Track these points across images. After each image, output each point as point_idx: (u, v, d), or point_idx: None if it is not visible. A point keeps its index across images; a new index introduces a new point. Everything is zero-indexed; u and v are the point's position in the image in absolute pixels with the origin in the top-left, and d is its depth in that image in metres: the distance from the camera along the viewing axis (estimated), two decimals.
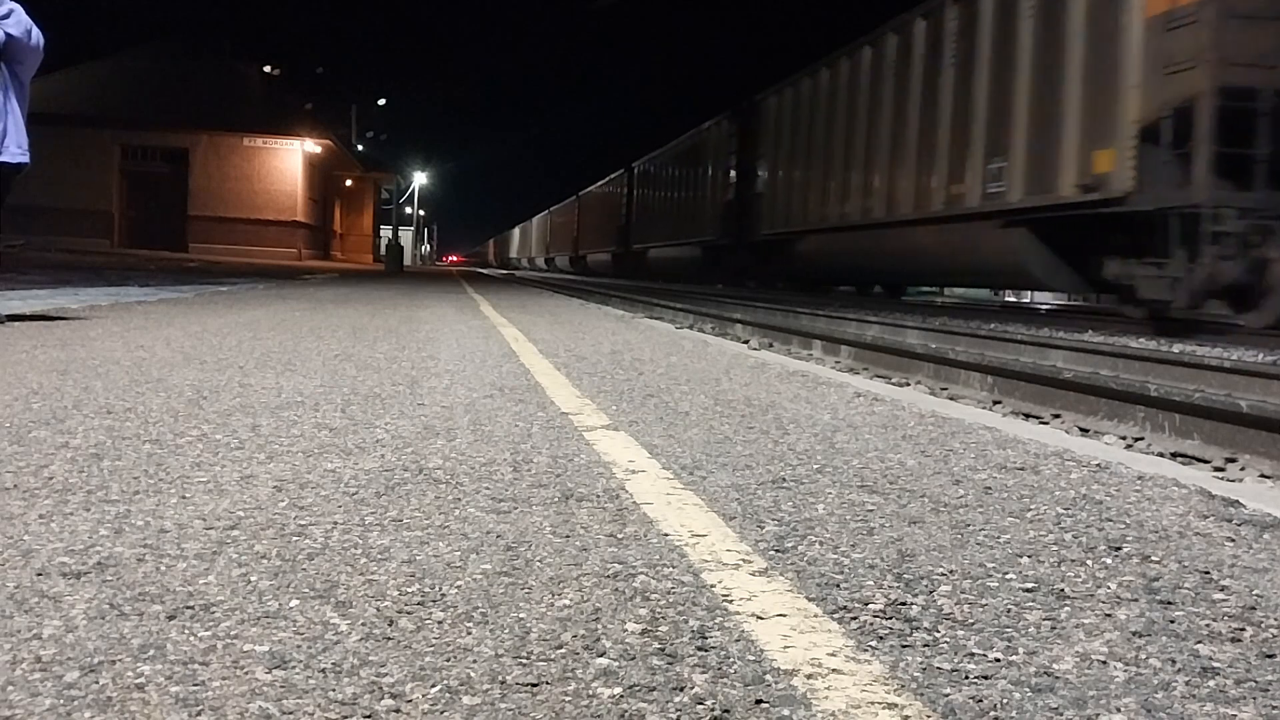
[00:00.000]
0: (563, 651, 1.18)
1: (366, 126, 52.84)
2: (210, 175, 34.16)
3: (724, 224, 24.63)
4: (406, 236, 54.12)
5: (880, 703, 1.08)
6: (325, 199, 40.80)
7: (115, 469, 2.03)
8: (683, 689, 1.09)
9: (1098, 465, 2.46)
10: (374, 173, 47.35)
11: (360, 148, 48.91)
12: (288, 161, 35.18)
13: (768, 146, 22.27)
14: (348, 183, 44.93)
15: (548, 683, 1.09)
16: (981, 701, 1.09)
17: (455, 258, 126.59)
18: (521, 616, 1.28)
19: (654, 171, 33.66)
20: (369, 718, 1.00)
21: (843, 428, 2.95)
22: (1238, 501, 2.09)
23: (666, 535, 1.70)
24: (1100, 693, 1.13)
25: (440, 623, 1.25)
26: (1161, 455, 3.67)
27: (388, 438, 2.49)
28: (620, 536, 1.68)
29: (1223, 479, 2.95)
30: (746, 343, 8.09)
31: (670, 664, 1.15)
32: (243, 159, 34.59)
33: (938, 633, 1.29)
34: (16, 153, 5.29)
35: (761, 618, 1.32)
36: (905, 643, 1.25)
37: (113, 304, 7.79)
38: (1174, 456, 3.73)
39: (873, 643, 1.25)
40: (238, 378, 3.53)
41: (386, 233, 47.34)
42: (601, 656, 1.17)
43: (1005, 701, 1.09)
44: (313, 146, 35.81)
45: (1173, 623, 1.36)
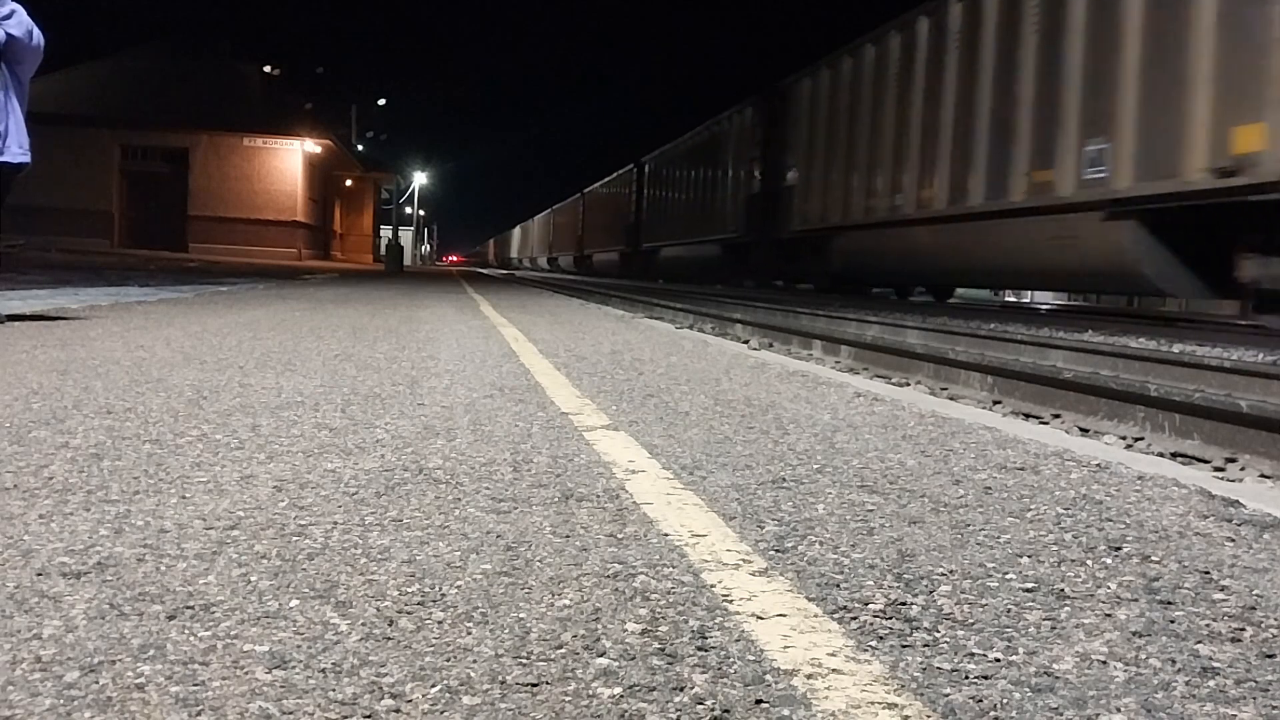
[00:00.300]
0: (563, 651, 1.18)
1: (366, 126, 52.89)
2: (210, 175, 34.18)
3: (747, 220, 23.05)
4: (406, 236, 54.11)
5: (880, 703, 1.08)
6: (325, 199, 40.81)
7: (115, 469, 2.04)
8: (683, 689, 1.09)
9: (1098, 465, 2.46)
10: (374, 173, 47.37)
11: (360, 148, 48.92)
12: (288, 161, 35.20)
13: (798, 134, 20.33)
14: (348, 183, 44.96)
15: (548, 683, 1.09)
16: (981, 701, 1.09)
17: (455, 258, 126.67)
18: (521, 616, 1.28)
19: (666, 166, 31.92)
20: (369, 718, 1.00)
21: (843, 428, 2.95)
22: (1238, 501, 2.09)
23: (666, 535, 1.70)
24: (1100, 693, 1.13)
25: (440, 623, 1.25)
26: (1161, 455, 3.67)
27: (388, 438, 2.49)
28: (620, 536, 1.68)
29: (1223, 479, 2.95)
30: (746, 343, 8.09)
31: (670, 664, 1.15)
32: (243, 159, 34.61)
33: (938, 633, 1.29)
34: (18, 153, 5.30)
35: (761, 618, 1.32)
36: (905, 643, 1.25)
37: (113, 304, 7.79)
38: (1174, 456, 3.73)
39: (873, 643, 1.25)
40: (238, 378, 3.53)
41: (386, 233, 47.33)
42: (601, 656, 1.17)
43: (1005, 701, 1.09)
44: (313, 146, 35.83)
45: (1173, 623, 1.36)
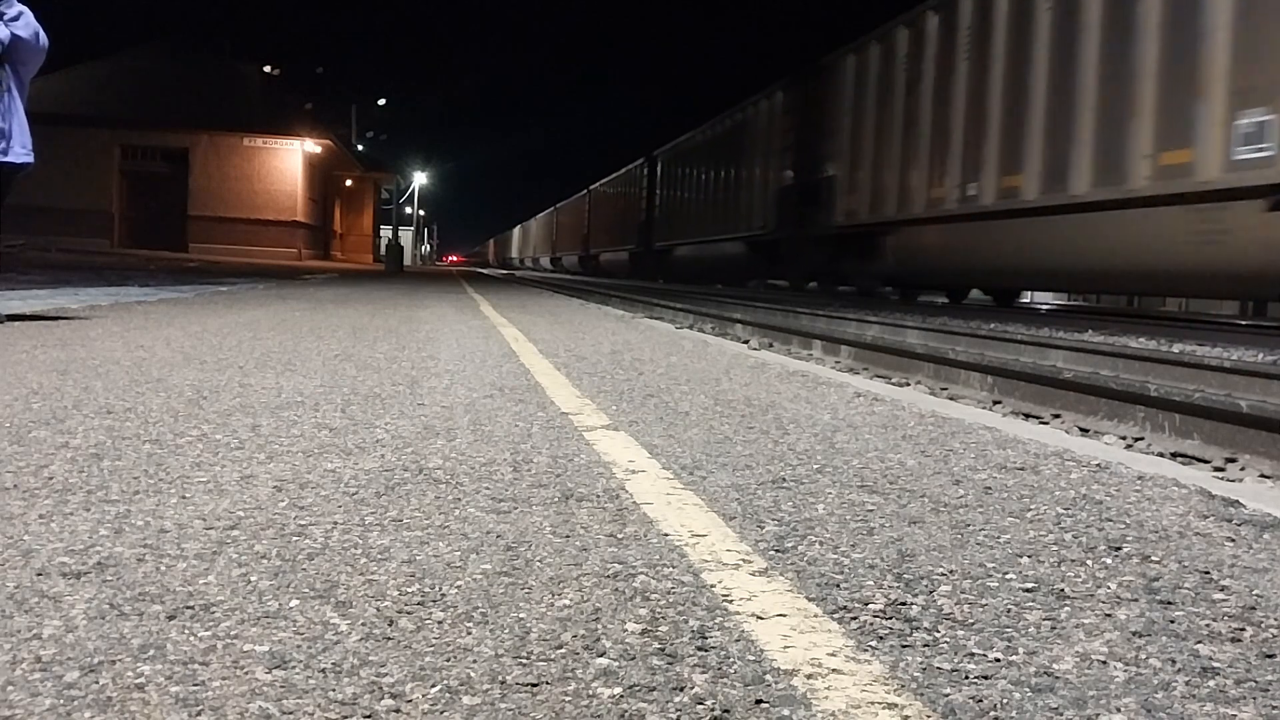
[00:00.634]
0: (563, 651, 1.18)
1: (366, 126, 52.89)
2: (210, 175, 34.19)
3: (778, 215, 21.13)
4: (406, 236, 54.09)
5: (880, 703, 1.08)
6: (325, 199, 40.81)
7: (115, 469, 2.03)
8: (683, 689, 1.09)
9: (1098, 465, 2.46)
10: (374, 173, 47.35)
11: (360, 148, 48.91)
12: (288, 161, 35.20)
13: (841, 118, 18.15)
14: (348, 183, 44.95)
15: (548, 683, 1.09)
16: (981, 701, 1.09)
17: (455, 258, 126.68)
18: (521, 616, 1.28)
19: (681, 160, 29.89)
20: (369, 718, 1.00)
21: (843, 428, 2.95)
22: (1238, 501, 2.09)
23: (666, 535, 1.70)
24: (1100, 693, 1.13)
25: (440, 623, 1.25)
26: (1161, 455, 3.67)
27: (388, 438, 2.49)
28: (620, 536, 1.68)
29: (1223, 479, 2.95)
30: (746, 343, 8.09)
31: (670, 664, 1.15)
32: (243, 159, 34.61)
33: (938, 633, 1.29)
34: (21, 153, 5.35)
35: (761, 618, 1.32)
36: (905, 643, 1.25)
37: (113, 304, 7.79)
38: (1174, 456, 3.73)
39: (873, 643, 1.25)
40: (238, 378, 3.53)
41: (386, 233, 47.31)
42: (601, 656, 1.17)
43: (1005, 701, 1.09)
44: (313, 146, 35.83)
45: (1173, 623, 1.36)
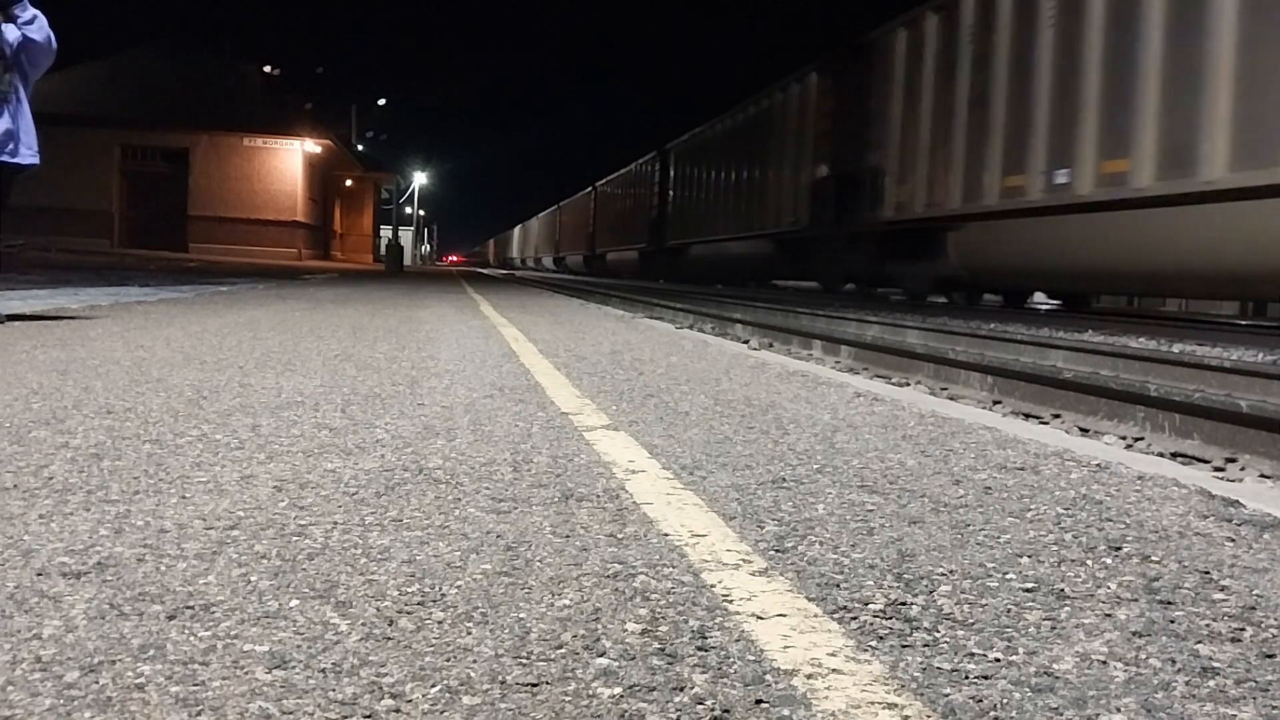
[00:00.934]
0: (563, 651, 1.18)
1: (366, 126, 52.86)
2: (210, 175, 34.17)
3: (812, 209, 19.37)
4: (406, 236, 54.13)
5: (880, 703, 1.08)
6: (325, 199, 40.80)
7: (115, 469, 2.03)
8: (683, 689, 1.09)
9: (1098, 465, 2.46)
10: (374, 173, 47.35)
11: (360, 148, 48.90)
12: (288, 161, 35.19)
13: (889, 98, 16.45)
14: (348, 183, 44.94)
15: (548, 683, 1.09)
16: (981, 701, 1.09)
17: (455, 258, 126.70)
18: (521, 616, 1.28)
19: (697, 152, 28.00)
20: (369, 718, 1.00)
21: (843, 428, 2.95)
22: (1238, 501, 2.08)
23: (666, 535, 1.70)
24: (1100, 693, 1.13)
25: (440, 623, 1.25)
26: (1161, 455, 3.67)
27: (388, 438, 2.49)
28: (620, 536, 1.68)
29: (1223, 479, 2.95)
30: (746, 343, 8.09)
31: (670, 664, 1.15)
32: (243, 159, 34.60)
33: (938, 633, 1.29)
34: (28, 154, 5.39)
35: (761, 618, 1.32)
36: (905, 643, 1.25)
37: (113, 304, 7.79)
38: (1174, 456, 3.73)
39: (873, 643, 1.25)
40: (238, 378, 3.53)
41: (386, 233, 47.33)
42: (601, 656, 1.17)
43: (1005, 701, 1.09)
44: (313, 146, 35.82)
45: (1173, 623, 1.36)
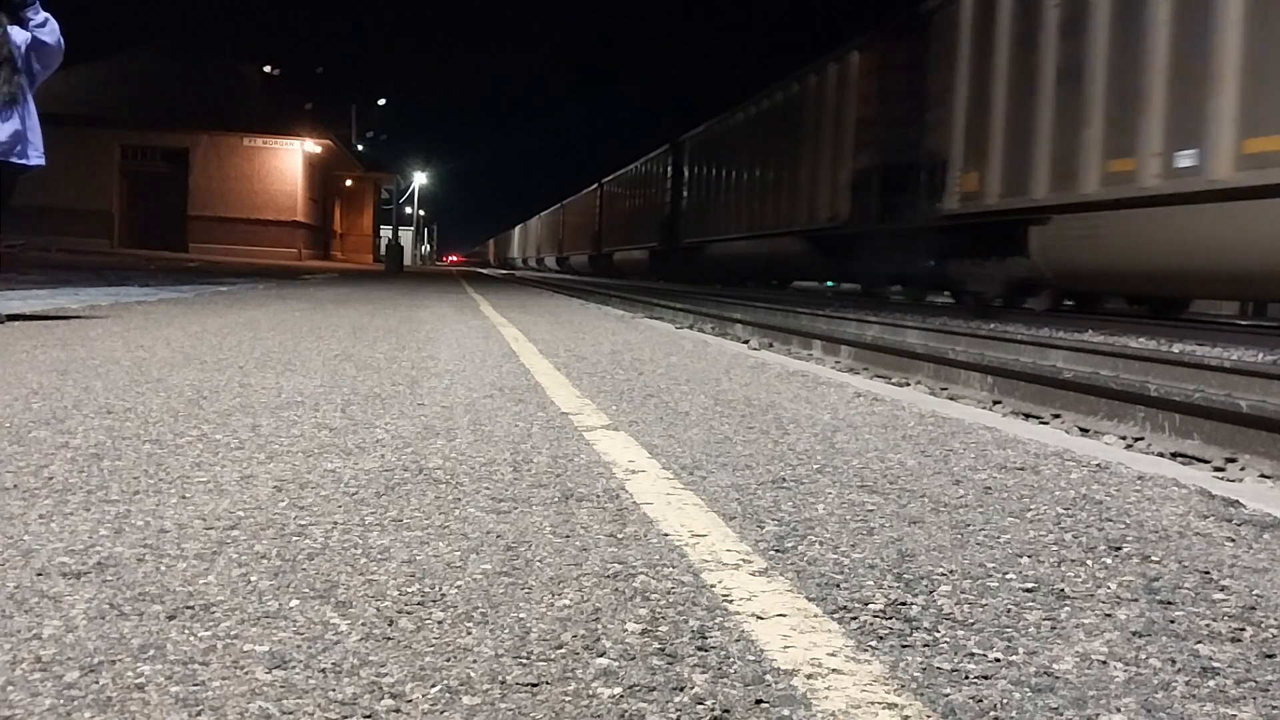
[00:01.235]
0: (563, 651, 1.18)
1: (366, 126, 52.84)
2: (210, 175, 34.17)
3: (854, 202, 17.68)
4: (406, 236, 54.11)
5: (880, 703, 1.08)
6: (325, 199, 40.80)
7: (115, 469, 2.03)
8: (683, 689, 1.09)
9: (1098, 465, 2.46)
10: (374, 173, 47.34)
11: (360, 148, 48.89)
12: (288, 161, 35.19)
13: (953, 75, 14.27)
14: (348, 183, 44.94)
15: (548, 683, 1.09)
16: (981, 701, 1.09)
17: (455, 258, 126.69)
18: (521, 616, 1.28)
19: (716, 144, 26.51)
20: (369, 718, 1.00)
21: (843, 428, 2.95)
22: (1238, 501, 2.08)
23: (666, 535, 1.70)
24: (1100, 693, 1.13)
25: (440, 623, 1.25)
26: (1161, 455, 3.67)
27: (388, 438, 2.49)
28: (620, 536, 1.68)
29: (1223, 479, 2.95)
30: (746, 343, 8.09)
31: (670, 664, 1.15)
32: (243, 159, 34.60)
33: (938, 633, 1.29)
34: (34, 155, 5.43)
35: (761, 618, 1.32)
36: (905, 643, 1.25)
37: (113, 304, 7.79)
38: (1174, 456, 3.73)
39: (873, 643, 1.25)
40: (238, 378, 3.53)
41: (386, 233, 47.31)
42: (601, 656, 1.17)
43: (1005, 701, 1.09)
44: (313, 146, 35.82)
45: (1173, 623, 1.36)
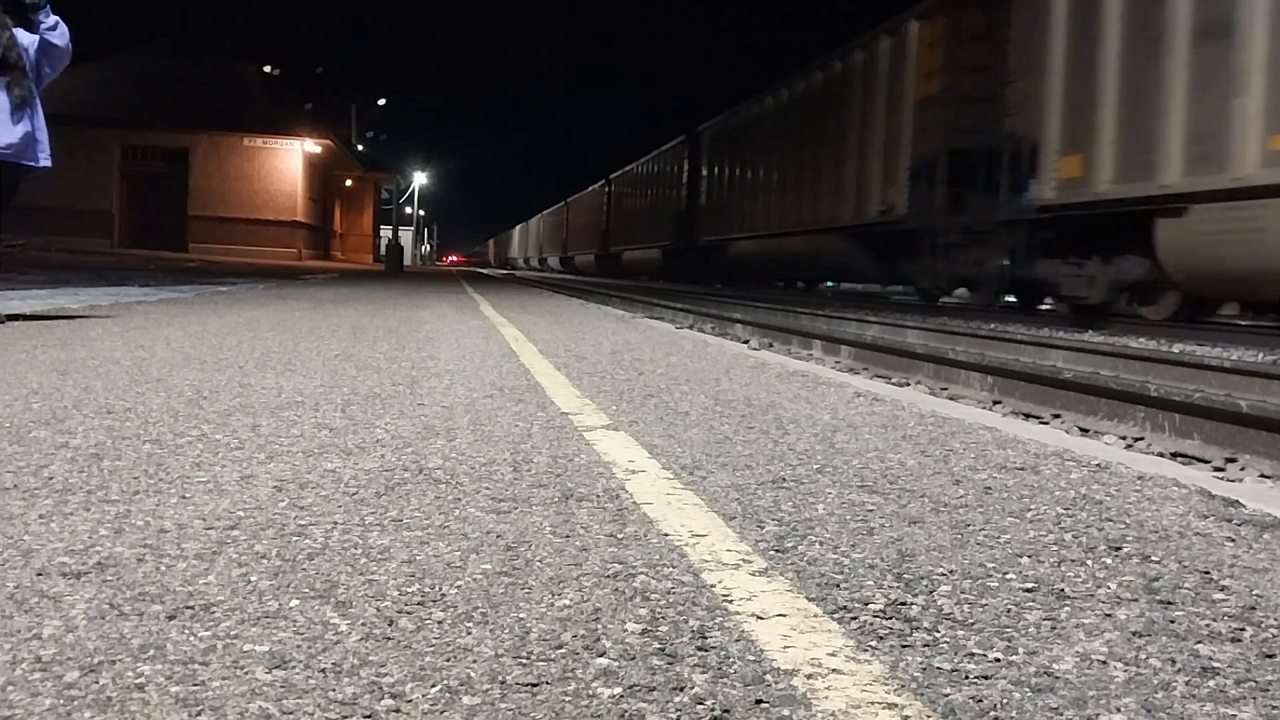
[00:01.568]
0: (563, 651, 1.18)
1: (366, 126, 52.84)
2: (210, 175, 34.18)
3: (914, 193, 15.30)
4: (406, 236, 54.08)
5: (880, 703, 1.08)
6: (325, 199, 40.80)
7: (115, 469, 2.03)
8: (683, 689, 1.09)
9: (1098, 465, 2.46)
10: (374, 173, 47.34)
11: (360, 148, 48.88)
12: (288, 161, 35.20)
13: (1045, 44, 12.31)
14: (348, 183, 44.94)
15: (548, 683, 1.09)
16: (981, 701, 1.09)
17: (455, 258, 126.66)
18: (521, 616, 1.28)
19: (738, 134, 24.62)
20: (369, 718, 0.99)
21: (843, 428, 2.95)
22: (1238, 501, 2.08)
23: (666, 535, 1.70)
24: (1100, 693, 1.13)
25: (440, 623, 1.25)
26: (1161, 455, 3.67)
27: (388, 438, 2.49)
28: (620, 536, 1.68)
29: (1223, 479, 2.95)
30: (746, 343, 8.09)
31: (670, 664, 1.15)
32: (243, 159, 34.61)
33: (938, 633, 1.29)
34: (42, 157, 5.46)
35: (761, 618, 1.32)
36: (905, 643, 1.25)
37: (113, 304, 7.79)
38: (1174, 456, 3.73)
39: (873, 643, 1.25)
40: (238, 378, 3.53)
41: (386, 233, 47.27)
42: (601, 656, 1.17)
43: (1005, 701, 1.09)
44: (313, 146, 35.83)
45: (1173, 623, 1.36)
